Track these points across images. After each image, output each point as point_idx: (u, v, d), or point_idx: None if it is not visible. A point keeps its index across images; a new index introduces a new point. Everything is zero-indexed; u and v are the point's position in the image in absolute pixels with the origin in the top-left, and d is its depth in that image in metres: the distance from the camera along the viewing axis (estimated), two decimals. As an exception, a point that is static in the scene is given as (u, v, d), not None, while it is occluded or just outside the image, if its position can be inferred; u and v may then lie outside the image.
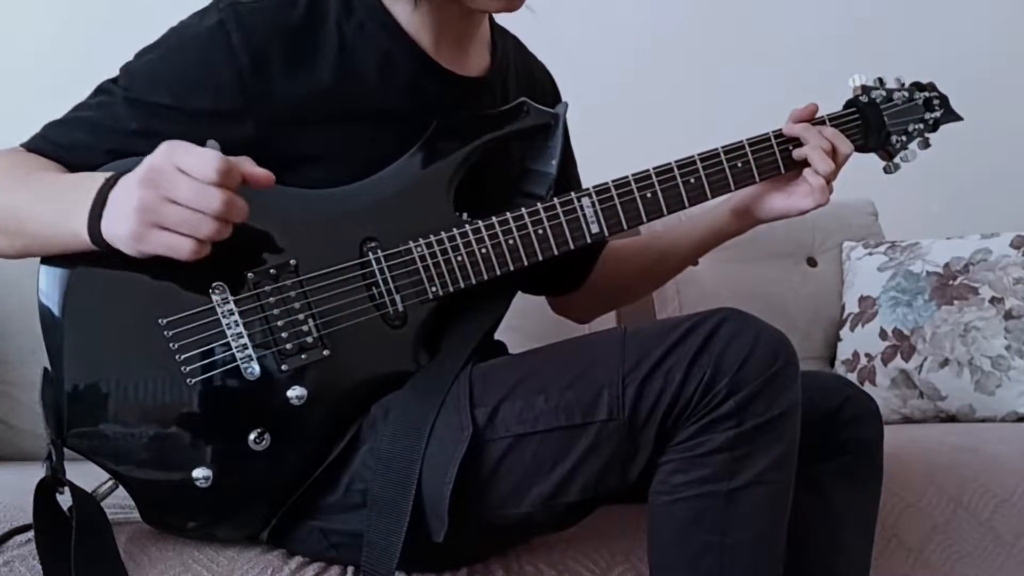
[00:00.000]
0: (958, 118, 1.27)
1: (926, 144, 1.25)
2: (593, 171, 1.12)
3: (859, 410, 1.09)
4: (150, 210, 0.84)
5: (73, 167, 0.98)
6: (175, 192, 0.84)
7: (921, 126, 1.24)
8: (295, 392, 0.96)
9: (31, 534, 0.95)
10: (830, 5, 2.39)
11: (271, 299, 0.96)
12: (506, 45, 1.18)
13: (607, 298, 1.35)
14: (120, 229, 0.86)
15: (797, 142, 1.15)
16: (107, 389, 0.95)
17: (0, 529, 0.97)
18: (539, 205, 1.05)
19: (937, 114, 1.25)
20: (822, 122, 1.17)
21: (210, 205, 0.84)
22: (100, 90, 1.01)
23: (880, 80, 1.24)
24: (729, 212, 1.21)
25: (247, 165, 0.89)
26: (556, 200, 1.05)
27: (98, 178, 0.91)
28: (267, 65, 0.98)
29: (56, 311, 0.96)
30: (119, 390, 0.95)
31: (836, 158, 1.14)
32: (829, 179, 1.13)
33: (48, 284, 0.97)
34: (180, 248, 0.86)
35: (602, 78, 2.13)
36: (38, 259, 0.98)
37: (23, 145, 1.01)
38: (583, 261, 1.27)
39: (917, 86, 1.26)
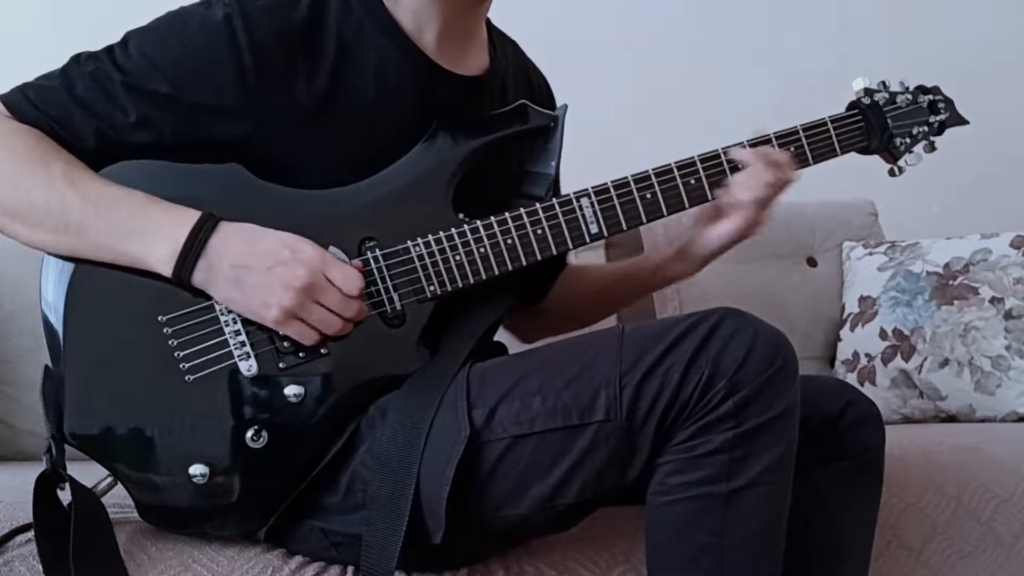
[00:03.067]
0: (964, 122, 1.26)
1: (931, 147, 1.24)
2: (592, 172, 1.12)
3: (860, 415, 1.08)
4: (300, 308, 0.94)
5: (61, 140, 0.97)
6: (324, 299, 0.95)
7: (926, 129, 1.23)
8: (292, 390, 0.96)
9: (31, 533, 0.95)
10: (830, 5, 2.39)
11: (270, 297, 0.97)
12: (505, 49, 1.19)
13: (557, 318, 1.32)
14: (255, 308, 0.95)
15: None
16: (106, 386, 0.96)
17: (0, 529, 0.97)
18: (538, 205, 1.05)
19: (942, 117, 1.24)
20: (767, 141, 1.13)
21: (348, 313, 0.96)
22: (93, 58, 0.99)
23: (884, 83, 1.23)
24: (674, 255, 1.18)
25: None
26: (555, 201, 1.05)
27: (178, 215, 0.94)
28: (269, 66, 0.98)
29: (57, 308, 0.97)
30: (118, 387, 0.96)
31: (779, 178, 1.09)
32: (759, 203, 1.08)
33: (50, 282, 0.98)
34: (309, 338, 0.96)
35: (602, 79, 2.13)
36: (39, 258, 0.98)
37: (5, 101, 0.98)
38: (545, 275, 1.27)
39: (922, 89, 1.25)
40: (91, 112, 0.97)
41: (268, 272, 0.93)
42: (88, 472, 0.97)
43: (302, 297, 0.94)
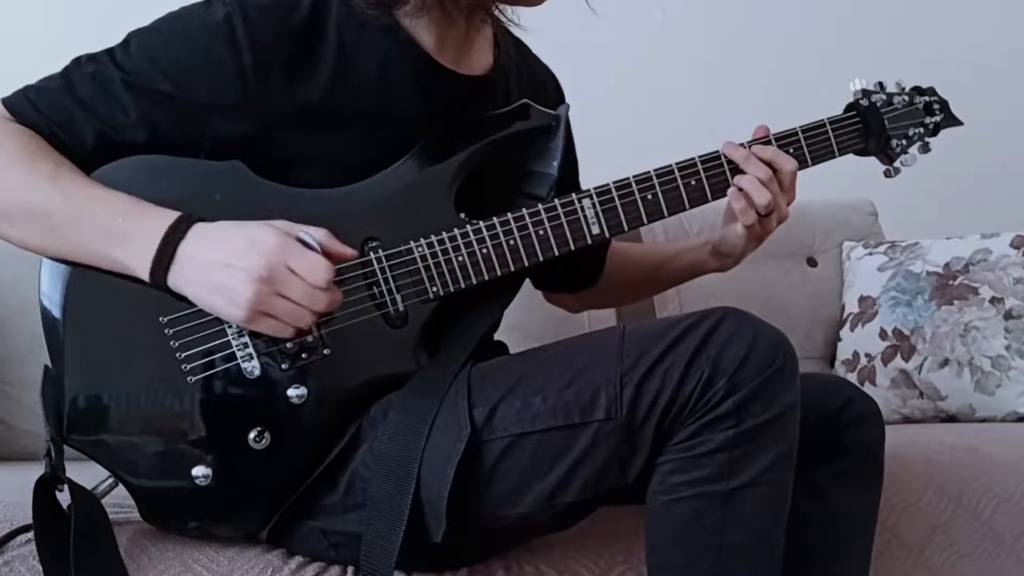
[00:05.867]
0: (958, 123, 1.28)
1: (926, 148, 1.26)
2: (594, 172, 1.12)
3: (860, 412, 1.08)
4: (263, 302, 0.90)
5: (62, 143, 0.97)
6: (288, 291, 0.91)
7: (921, 130, 1.24)
8: (295, 391, 0.96)
9: (31, 534, 0.95)
10: (829, 5, 2.40)
11: (271, 298, 0.97)
12: (509, 46, 1.18)
13: (607, 296, 1.38)
14: (222, 307, 0.92)
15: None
16: (107, 387, 0.95)
17: (0, 529, 0.97)
18: (540, 206, 1.05)
19: (937, 118, 1.26)
20: (768, 141, 1.14)
21: (316, 306, 0.92)
22: (94, 60, 0.98)
23: (880, 84, 1.24)
24: (708, 254, 1.22)
25: (333, 245, 0.96)
26: (557, 201, 1.05)
27: (157, 218, 0.93)
28: (270, 66, 0.98)
29: (57, 309, 0.96)
30: (119, 388, 0.95)
31: (780, 176, 1.11)
32: (768, 208, 1.10)
33: (50, 282, 0.97)
34: (282, 333, 0.93)
35: (603, 79, 2.13)
36: (39, 258, 0.98)
37: (7, 104, 0.98)
38: (594, 259, 1.29)
39: (917, 90, 1.27)
40: (92, 112, 0.97)
41: (229, 268, 0.91)
42: (88, 473, 0.97)
43: (261, 288, 0.90)
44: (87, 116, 0.97)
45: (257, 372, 0.96)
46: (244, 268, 0.90)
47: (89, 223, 0.93)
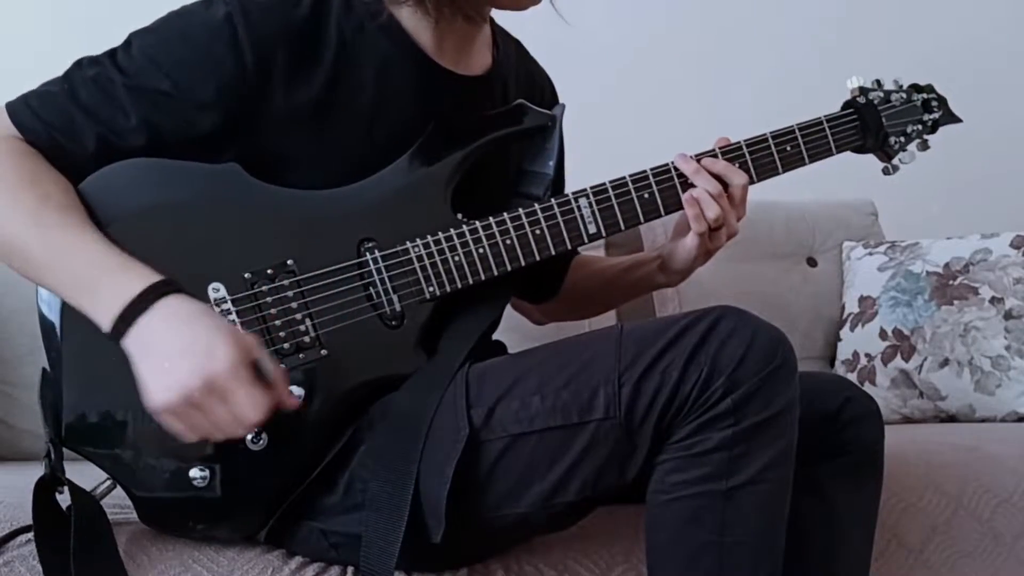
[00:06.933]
0: (957, 120, 1.27)
1: (925, 146, 1.25)
2: (590, 172, 1.12)
3: (859, 411, 1.08)
4: (189, 407, 0.85)
5: (62, 148, 0.96)
6: (212, 415, 0.86)
7: (919, 127, 1.24)
8: (292, 391, 0.96)
9: (31, 534, 0.95)
10: (829, 5, 2.39)
11: (268, 299, 0.97)
12: (508, 47, 1.18)
13: (569, 308, 1.35)
14: (149, 391, 0.86)
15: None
16: (105, 389, 0.95)
17: (0, 529, 0.97)
18: (536, 206, 1.05)
19: (935, 115, 1.25)
20: (714, 155, 1.11)
21: (232, 434, 0.88)
22: (96, 63, 0.98)
23: (878, 82, 1.24)
24: (657, 268, 1.20)
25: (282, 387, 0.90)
26: (553, 201, 1.06)
27: (129, 280, 0.88)
28: (270, 66, 0.98)
29: (55, 312, 0.96)
30: (117, 390, 0.95)
31: (730, 191, 1.09)
32: (717, 222, 1.08)
33: (46, 285, 0.97)
34: (185, 438, 0.88)
35: (603, 79, 2.14)
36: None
37: (8, 110, 0.98)
38: (553, 272, 1.28)
39: (915, 88, 1.26)
40: (93, 117, 0.97)
41: (171, 361, 0.86)
42: (88, 474, 0.97)
43: (191, 405, 0.85)
44: (88, 120, 0.97)
45: (255, 372, 0.95)
46: (183, 371, 0.85)
47: (62, 269, 0.91)
